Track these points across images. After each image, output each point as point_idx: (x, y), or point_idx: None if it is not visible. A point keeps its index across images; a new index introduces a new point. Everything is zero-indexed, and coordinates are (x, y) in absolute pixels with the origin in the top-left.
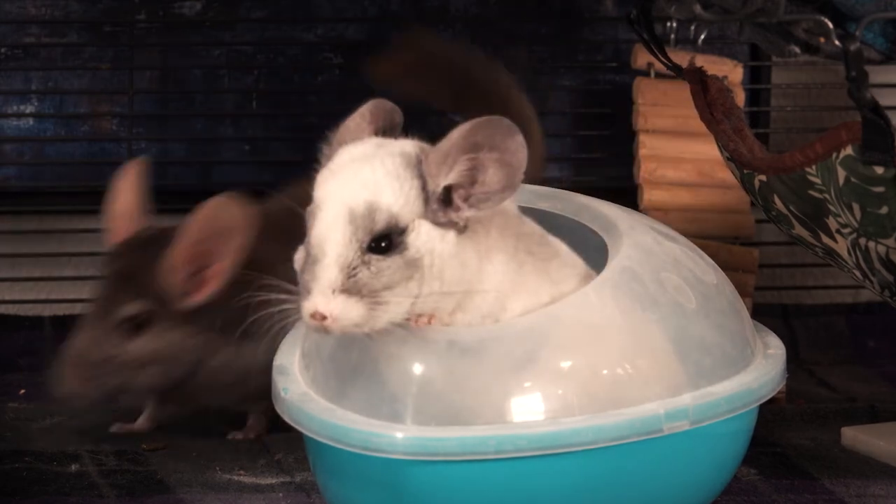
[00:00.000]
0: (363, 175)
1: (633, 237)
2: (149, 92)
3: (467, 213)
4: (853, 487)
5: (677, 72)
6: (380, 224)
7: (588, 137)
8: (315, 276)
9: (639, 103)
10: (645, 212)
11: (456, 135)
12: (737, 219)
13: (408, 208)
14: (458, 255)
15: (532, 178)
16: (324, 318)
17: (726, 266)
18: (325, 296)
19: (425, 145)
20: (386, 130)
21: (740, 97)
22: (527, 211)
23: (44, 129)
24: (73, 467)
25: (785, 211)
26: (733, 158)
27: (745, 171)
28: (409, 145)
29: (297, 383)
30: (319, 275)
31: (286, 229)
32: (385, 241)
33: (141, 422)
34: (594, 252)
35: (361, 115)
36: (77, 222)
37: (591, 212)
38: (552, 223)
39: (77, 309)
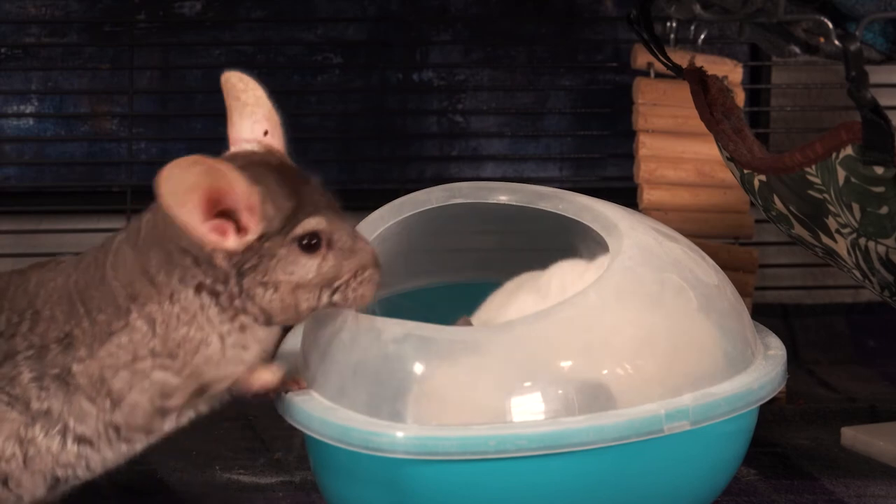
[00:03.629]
0: None
1: (634, 237)
2: (149, 92)
3: None
4: (853, 487)
5: (677, 72)
6: None
7: (588, 137)
8: None
9: (639, 103)
10: (645, 212)
11: None
12: (737, 219)
13: None
14: None
15: None
16: None
17: (726, 266)
18: None
19: None
20: None
21: (740, 97)
22: (527, 211)
23: (44, 129)
24: None
25: (784, 211)
26: (733, 158)
27: (744, 172)
28: None
29: None
30: None
31: None
32: None
33: None
34: (593, 252)
35: None
36: (77, 222)
37: (592, 212)
38: (552, 223)
39: None
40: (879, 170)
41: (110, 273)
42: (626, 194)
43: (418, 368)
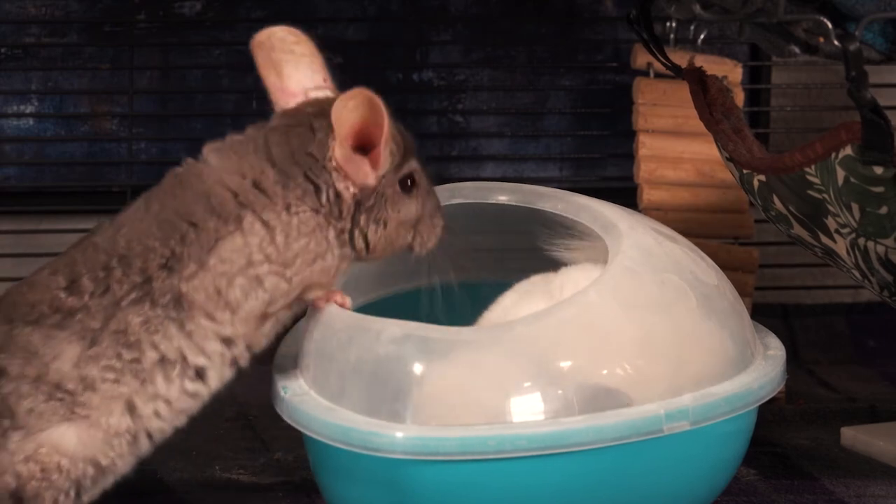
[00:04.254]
0: None
1: (634, 238)
2: (149, 92)
3: None
4: (853, 487)
5: (677, 72)
6: None
7: (588, 137)
8: None
9: (639, 103)
10: (644, 212)
11: None
12: (736, 219)
13: None
14: None
15: None
16: None
17: (726, 266)
18: None
19: None
20: None
21: (740, 97)
22: (527, 211)
23: (44, 129)
24: None
25: (784, 211)
26: (732, 158)
27: (744, 172)
28: None
29: (297, 383)
30: None
31: None
32: None
33: None
34: (594, 252)
35: None
36: (77, 222)
37: (592, 212)
38: (552, 223)
39: None
40: (879, 170)
41: (213, 184)
42: (626, 194)
43: (418, 369)
